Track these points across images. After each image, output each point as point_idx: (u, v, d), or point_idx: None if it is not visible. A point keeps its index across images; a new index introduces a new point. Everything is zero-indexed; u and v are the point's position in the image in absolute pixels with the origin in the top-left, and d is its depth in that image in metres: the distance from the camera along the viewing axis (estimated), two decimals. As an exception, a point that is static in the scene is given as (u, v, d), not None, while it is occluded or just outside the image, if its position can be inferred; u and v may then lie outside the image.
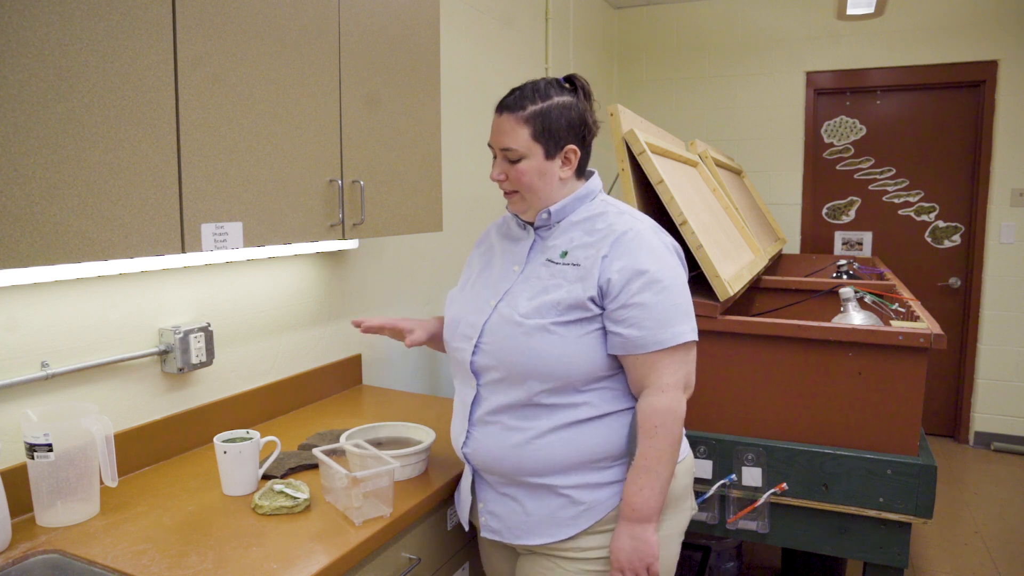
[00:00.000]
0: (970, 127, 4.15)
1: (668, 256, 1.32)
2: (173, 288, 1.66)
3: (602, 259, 1.28)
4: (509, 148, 1.32)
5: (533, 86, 1.34)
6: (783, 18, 4.38)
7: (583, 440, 1.29)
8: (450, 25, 2.75)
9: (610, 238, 1.30)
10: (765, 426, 1.85)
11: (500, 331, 1.31)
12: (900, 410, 1.72)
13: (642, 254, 1.28)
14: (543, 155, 1.32)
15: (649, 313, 1.25)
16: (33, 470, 1.29)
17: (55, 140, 1.03)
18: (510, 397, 1.31)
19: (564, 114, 1.32)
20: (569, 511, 1.31)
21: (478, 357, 1.34)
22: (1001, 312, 4.09)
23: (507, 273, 1.39)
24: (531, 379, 1.28)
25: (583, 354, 1.27)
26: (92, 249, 1.09)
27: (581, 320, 1.28)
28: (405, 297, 2.55)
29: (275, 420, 1.94)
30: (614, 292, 1.26)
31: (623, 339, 1.26)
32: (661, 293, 1.26)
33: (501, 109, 1.34)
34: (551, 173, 1.34)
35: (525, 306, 1.30)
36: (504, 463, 1.32)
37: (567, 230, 1.36)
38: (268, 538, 1.26)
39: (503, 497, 1.36)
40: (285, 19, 1.43)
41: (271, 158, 1.42)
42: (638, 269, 1.26)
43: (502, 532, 1.37)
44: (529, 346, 1.27)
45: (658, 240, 1.32)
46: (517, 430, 1.31)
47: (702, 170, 2.74)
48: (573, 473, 1.30)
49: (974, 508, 3.38)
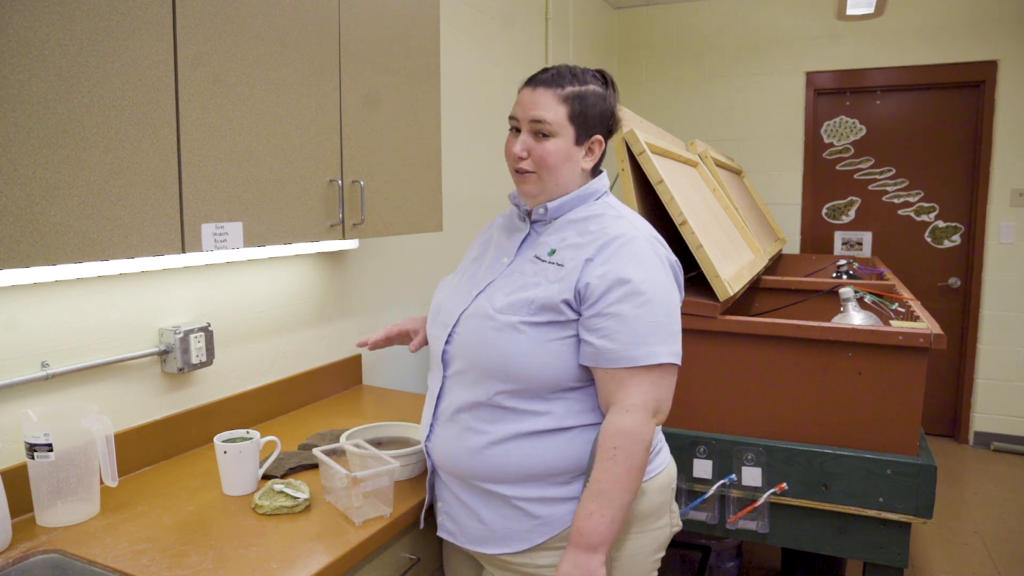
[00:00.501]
0: (970, 127, 4.15)
1: (659, 269, 1.24)
2: (173, 288, 1.66)
3: (584, 262, 1.22)
4: (543, 120, 1.26)
5: (570, 69, 1.29)
6: (783, 18, 4.38)
7: (542, 452, 1.23)
8: (450, 25, 2.75)
9: (599, 241, 1.24)
10: (765, 426, 1.85)
11: (472, 323, 1.27)
12: (900, 410, 1.72)
13: (628, 262, 1.20)
14: (573, 139, 1.28)
15: (624, 326, 1.17)
16: (33, 470, 1.29)
17: (55, 140, 1.03)
18: (471, 394, 1.26)
19: (599, 102, 1.29)
20: (524, 524, 1.25)
21: (449, 347, 1.30)
22: (1001, 312, 4.09)
23: (495, 265, 1.35)
24: (492, 377, 1.23)
25: (550, 359, 1.21)
26: (92, 249, 1.09)
27: (552, 323, 1.22)
28: (405, 297, 2.55)
29: (275, 420, 1.94)
30: (591, 298, 1.19)
31: (594, 350, 1.19)
32: (642, 307, 1.18)
33: (536, 83, 1.28)
34: (575, 160, 1.30)
35: (501, 301, 1.25)
36: (460, 465, 1.28)
37: (561, 228, 1.31)
38: (268, 538, 1.26)
39: (459, 501, 1.32)
40: (285, 19, 1.43)
41: (271, 158, 1.42)
42: (620, 277, 1.19)
43: (456, 535, 1.33)
44: (495, 342, 1.22)
45: (651, 251, 1.24)
46: (476, 432, 1.26)
47: (702, 170, 2.74)
48: (529, 485, 1.24)
49: (974, 508, 3.38)
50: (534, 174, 1.30)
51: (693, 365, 1.89)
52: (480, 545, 1.30)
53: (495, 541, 1.28)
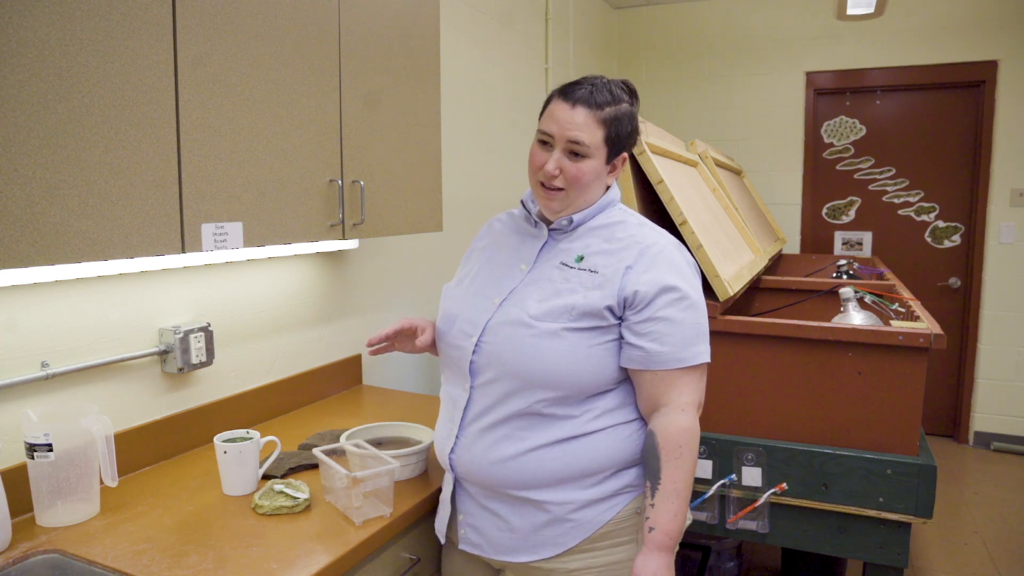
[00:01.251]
0: (970, 127, 4.15)
1: (692, 274, 1.30)
2: (173, 288, 1.66)
3: (626, 269, 1.24)
4: (581, 143, 1.26)
5: (605, 86, 1.29)
6: (783, 18, 4.38)
7: (578, 455, 1.24)
8: (450, 25, 2.75)
9: (634, 249, 1.27)
10: (765, 426, 1.85)
11: (504, 331, 1.26)
12: (900, 410, 1.72)
13: (670, 269, 1.26)
14: (605, 158, 1.30)
15: (675, 329, 1.22)
16: (33, 470, 1.29)
17: (55, 140, 1.03)
18: (506, 403, 1.25)
19: (630, 123, 1.31)
20: (556, 528, 1.25)
21: (478, 356, 1.28)
22: (1001, 312, 4.09)
23: (512, 271, 1.34)
24: (532, 385, 1.23)
25: (591, 364, 1.23)
26: (92, 249, 1.09)
27: (594, 328, 1.24)
28: (405, 297, 2.55)
29: (275, 420, 1.94)
30: (640, 304, 1.23)
31: (644, 353, 1.23)
32: (687, 310, 1.24)
33: (574, 100, 1.27)
34: (603, 178, 1.32)
35: (536, 308, 1.25)
36: (491, 474, 1.26)
37: (583, 235, 1.32)
38: (268, 538, 1.26)
39: (485, 510, 1.30)
40: (285, 19, 1.43)
41: (271, 158, 1.42)
42: (667, 284, 1.23)
43: (483, 547, 1.31)
44: (537, 349, 1.22)
45: (683, 257, 1.30)
46: (512, 440, 1.25)
47: (702, 170, 2.74)
48: (564, 488, 1.25)
49: (974, 508, 3.38)
50: (563, 191, 1.29)
51: (693, 365, 1.88)
52: (509, 555, 1.29)
53: (526, 549, 1.27)
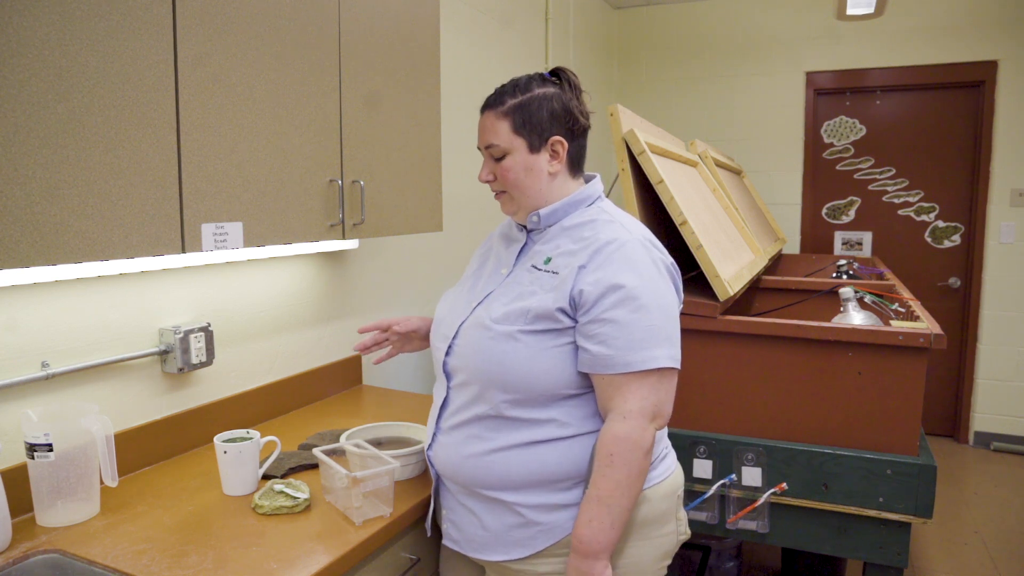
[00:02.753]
0: (970, 127, 4.15)
1: (653, 273, 1.22)
2: (173, 288, 1.66)
3: (578, 269, 1.21)
4: (492, 144, 1.29)
5: (514, 82, 1.31)
6: (783, 18, 4.38)
7: (544, 459, 1.23)
8: (450, 25, 2.75)
9: (592, 247, 1.23)
10: (765, 426, 1.85)
11: (469, 334, 1.28)
12: (900, 410, 1.72)
13: (622, 267, 1.19)
14: (527, 148, 1.28)
15: (620, 331, 1.17)
16: (33, 470, 1.29)
17: (55, 140, 1.03)
18: (475, 404, 1.27)
19: (545, 104, 1.27)
20: (526, 531, 1.25)
21: (450, 358, 1.31)
22: (1001, 312, 4.09)
23: (494, 276, 1.36)
24: (492, 387, 1.23)
25: (548, 367, 1.21)
26: (92, 249, 1.09)
27: (549, 331, 1.21)
28: (405, 297, 2.55)
29: (275, 420, 1.94)
30: (586, 305, 1.19)
31: (591, 356, 1.19)
32: (637, 311, 1.17)
33: (482, 109, 1.32)
34: (538, 168, 1.29)
35: (498, 311, 1.26)
36: (461, 472, 1.28)
37: (556, 236, 1.31)
38: (268, 538, 1.26)
39: (462, 507, 1.32)
40: (285, 19, 1.43)
41: (271, 158, 1.42)
42: (614, 283, 1.18)
43: (461, 543, 1.33)
44: (493, 352, 1.23)
45: (646, 255, 1.23)
46: (478, 439, 1.26)
47: (702, 170, 2.74)
48: (530, 491, 1.24)
49: (974, 508, 3.38)
50: (506, 194, 1.33)
51: (693, 365, 1.89)
52: (483, 552, 1.30)
53: (498, 548, 1.28)
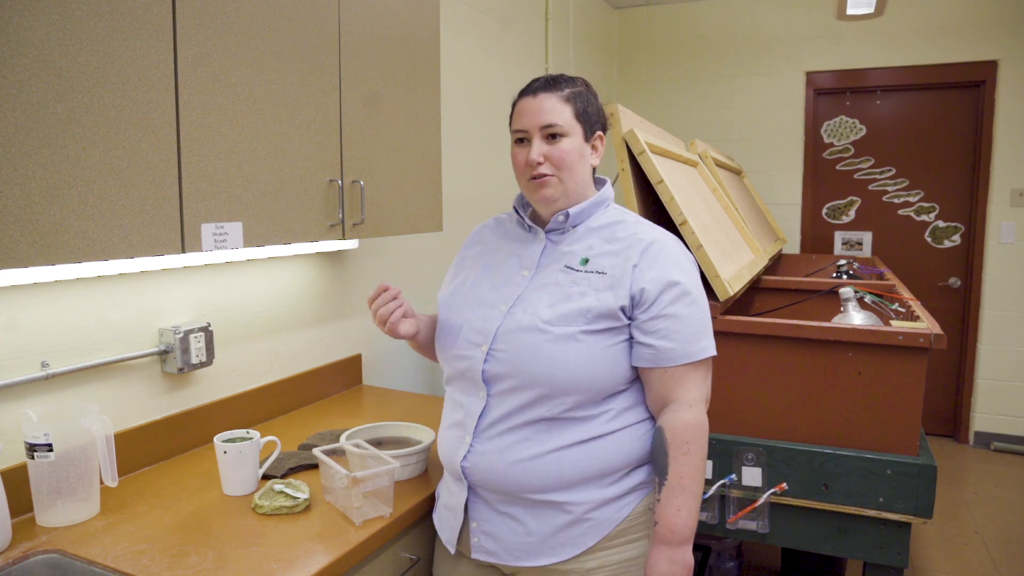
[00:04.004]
0: (970, 127, 4.15)
1: (693, 270, 1.31)
2: (173, 288, 1.66)
3: (632, 268, 1.26)
4: (553, 124, 1.27)
5: (558, 75, 1.34)
6: (783, 18, 4.38)
7: (596, 455, 1.25)
8: (450, 25, 2.75)
9: (637, 247, 1.28)
10: (765, 426, 1.85)
11: (518, 338, 1.24)
12: (900, 410, 1.72)
13: (672, 265, 1.27)
14: (582, 136, 1.31)
15: (681, 325, 1.24)
16: (33, 470, 1.29)
17: (55, 140, 1.03)
18: (526, 408, 1.24)
19: (593, 100, 1.34)
20: (575, 529, 1.25)
21: (491, 365, 1.26)
22: (1001, 312, 4.09)
23: (514, 277, 1.33)
24: (555, 390, 1.22)
25: (608, 365, 1.24)
26: (92, 249, 1.09)
27: (608, 330, 1.24)
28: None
29: (275, 420, 1.94)
30: (647, 302, 1.24)
31: (654, 351, 1.24)
32: (692, 305, 1.26)
33: (535, 91, 1.30)
34: (587, 158, 1.33)
35: (547, 313, 1.24)
36: (509, 477, 1.24)
37: (584, 236, 1.32)
38: (268, 538, 1.26)
39: (502, 516, 1.28)
40: (285, 19, 1.43)
41: (271, 158, 1.42)
42: (671, 280, 1.25)
43: (499, 554, 1.28)
44: (554, 355, 1.22)
45: (683, 254, 1.32)
46: (529, 442, 1.24)
47: (702, 170, 2.74)
48: (581, 489, 1.25)
49: (974, 508, 3.38)
50: (553, 177, 1.29)
51: (693, 365, 1.88)
52: (526, 559, 1.27)
53: (544, 552, 1.26)
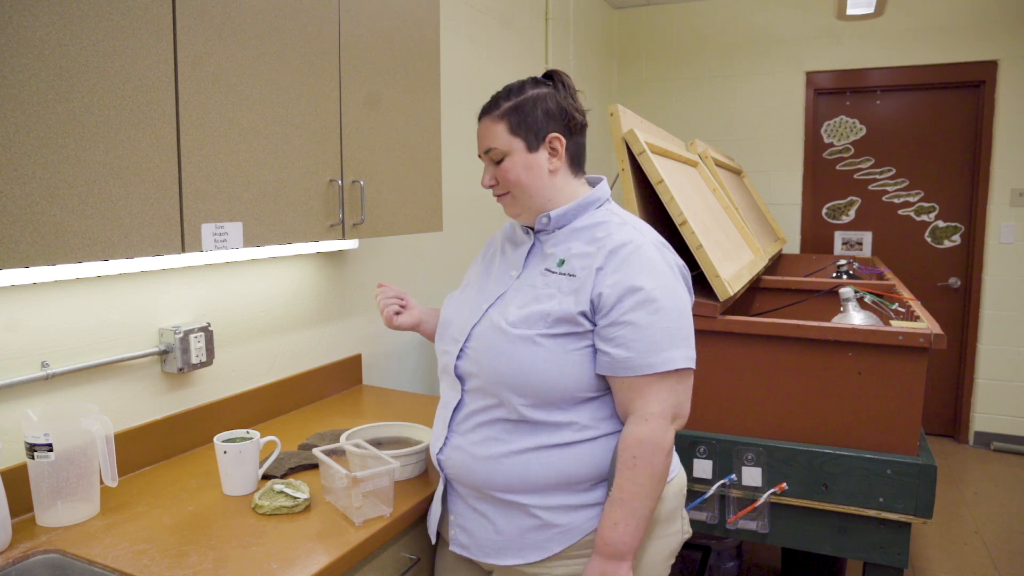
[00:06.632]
0: (970, 127, 4.15)
1: (669, 275, 1.23)
2: (173, 288, 1.66)
3: (596, 271, 1.21)
4: (490, 148, 1.30)
5: (508, 86, 1.33)
6: (783, 18, 4.38)
7: (564, 462, 1.22)
8: (450, 25, 2.75)
9: (606, 249, 1.23)
10: (765, 426, 1.85)
11: (486, 337, 1.26)
12: (900, 410, 1.72)
13: (639, 269, 1.20)
14: (525, 148, 1.28)
15: (640, 334, 1.17)
16: (33, 470, 1.29)
17: (55, 140, 1.03)
18: (493, 407, 1.26)
19: (540, 104, 1.29)
20: (542, 533, 1.24)
21: (462, 362, 1.29)
22: (1001, 312, 4.09)
23: (504, 278, 1.35)
24: (510, 390, 1.22)
25: (568, 370, 1.21)
26: (92, 249, 1.09)
27: (570, 334, 1.21)
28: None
29: (275, 420, 1.94)
30: (605, 308, 1.19)
31: (610, 359, 1.19)
32: (655, 314, 1.18)
33: (479, 117, 1.34)
34: (538, 166, 1.29)
35: (514, 314, 1.24)
36: (476, 474, 1.26)
37: (567, 238, 1.30)
38: (268, 538, 1.26)
39: (475, 512, 1.29)
40: (285, 19, 1.43)
41: (271, 158, 1.42)
42: (632, 285, 1.18)
43: (471, 548, 1.31)
44: (512, 356, 1.21)
45: (660, 257, 1.24)
46: (495, 441, 1.25)
47: (702, 170, 2.74)
48: (548, 494, 1.23)
49: (974, 508, 3.38)
50: (508, 195, 1.33)
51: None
52: (495, 557, 1.28)
53: (511, 551, 1.26)
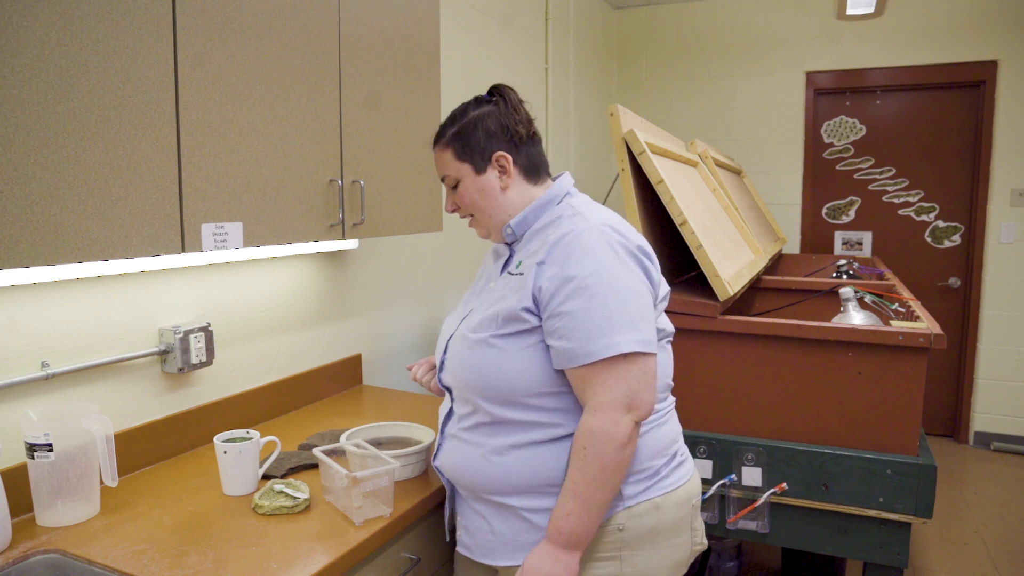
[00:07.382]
0: (970, 127, 4.15)
1: (610, 258, 1.18)
2: (173, 288, 1.66)
3: (538, 266, 1.21)
4: (445, 176, 1.35)
5: (452, 112, 1.36)
6: (783, 18, 4.38)
7: (540, 459, 1.23)
8: (450, 25, 2.75)
9: (549, 242, 1.23)
10: (765, 426, 1.85)
11: (454, 347, 1.31)
12: (900, 410, 1.72)
13: (573, 258, 1.18)
14: (473, 171, 1.32)
15: (577, 323, 1.15)
16: (33, 470, 1.29)
17: (55, 140, 1.03)
18: (471, 413, 1.29)
19: (480, 125, 1.31)
20: (531, 535, 1.25)
21: (444, 374, 1.35)
22: (1001, 312, 4.09)
23: (484, 290, 1.38)
24: (475, 393, 1.26)
25: (525, 367, 1.21)
26: (92, 249, 1.09)
27: (520, 332, 1.22)
28: (405, 297, 2.55)
29: (275, 420, 1.94)
30: (544, 301, 1.19)
31: (556, 352, 1.18)
32: (591, 300, 1.15)
33: (432, 147, 1.38)
34: (489, 186, 1.32)
35: (475, 320, 1.29)
36: (465, 477, 1.30)
37: (529, 240, 1.31)
38: (268, 538, 1.26)
39: (475, 513, 1.33)
40: (285, 19, 1.43)
41: (271, 158, 1.42)
42: (566, 275, 1.17)
43: (472, 549, 1.34)
44: (471, 360, 1.26)
45: (602, 240, 1.19)
46: (476, 445, 1.28)
47: (702, 170, 2.74)
48: (534, 496, 1.24)
49: (974, 508, 3.38)
50: (471, 217, 1.38)
51: (693, 365, 1.89)
52: (493, 557, 1.30)
53: (507, 553, 1.28)
